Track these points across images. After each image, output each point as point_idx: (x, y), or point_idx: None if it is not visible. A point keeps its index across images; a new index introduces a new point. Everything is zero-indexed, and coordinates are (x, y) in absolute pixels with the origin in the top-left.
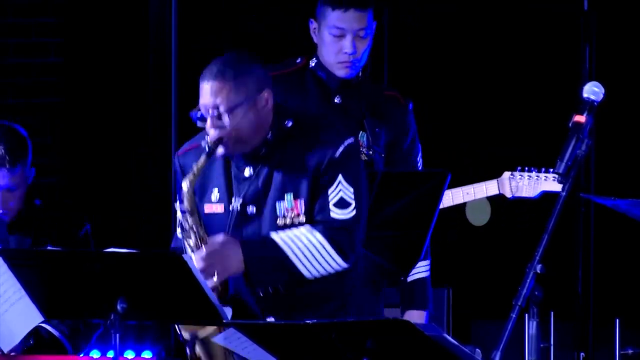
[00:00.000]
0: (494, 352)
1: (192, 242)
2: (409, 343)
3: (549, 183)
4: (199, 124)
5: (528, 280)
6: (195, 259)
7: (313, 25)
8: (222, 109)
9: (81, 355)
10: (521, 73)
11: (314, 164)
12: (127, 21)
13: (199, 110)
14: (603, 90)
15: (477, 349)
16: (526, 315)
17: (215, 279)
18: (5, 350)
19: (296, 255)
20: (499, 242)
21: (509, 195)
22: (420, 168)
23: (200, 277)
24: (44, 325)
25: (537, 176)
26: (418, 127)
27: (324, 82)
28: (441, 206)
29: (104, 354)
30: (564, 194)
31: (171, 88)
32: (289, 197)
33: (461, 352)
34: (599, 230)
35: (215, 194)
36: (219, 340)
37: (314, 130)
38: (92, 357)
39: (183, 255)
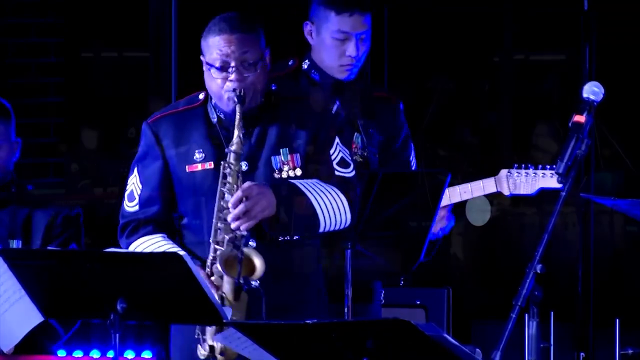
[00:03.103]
0: (494, 352)
1: (230, 183)
2: (409, 343)
3: (547, 180)
4: (219, 75)
5: (528, 280)
6: (235, 202)
7: (308, 27)
8: (250, 59)
9: (81, 356)
10: (521, 73)
11: (314, 123)
12: (127, 21)
13: (209, 64)
14: (603, 90)
15: (477, 349)
16: (526, 315)
17: (244, 225)
18: (5, 350)
19: (317, 201)
20: (499, 242)
21: (506, 193)
22: (414, 167)
23: (200, 277)
24: None
25: (535, 173)
26: (417, 126)
27: (317, 83)
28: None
29: (104, 354)
30: (564, 194)
31: (171, 88)
32: (284, 151)
33: (461, 352)
34: (599, 230)
35: (197, 156)
36: (218, 339)
37: (299, 95)
38: (92, 357)
39: (183, 255)
